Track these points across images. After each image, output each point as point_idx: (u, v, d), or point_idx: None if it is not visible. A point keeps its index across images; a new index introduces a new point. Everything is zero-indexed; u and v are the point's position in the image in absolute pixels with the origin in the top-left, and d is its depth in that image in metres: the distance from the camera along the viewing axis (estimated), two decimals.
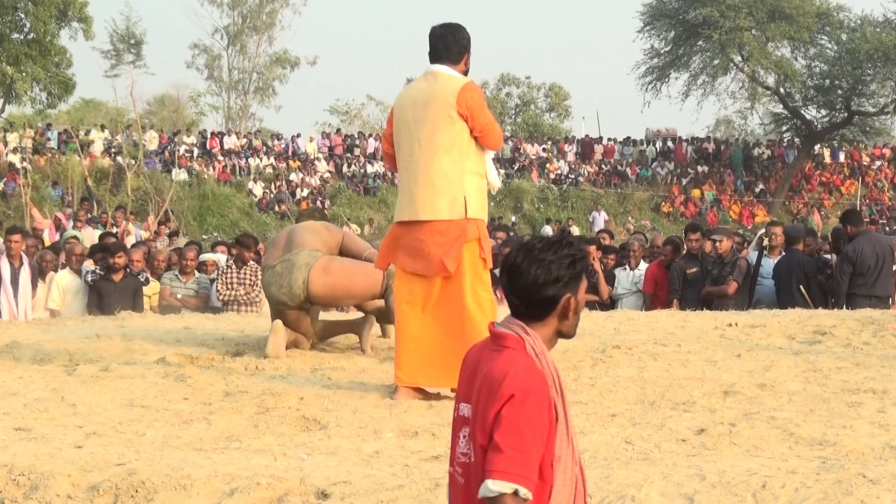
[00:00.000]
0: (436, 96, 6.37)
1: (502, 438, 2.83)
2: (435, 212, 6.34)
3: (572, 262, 3.01)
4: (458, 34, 6.63)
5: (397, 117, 6.56)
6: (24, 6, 37.30)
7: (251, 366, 7.34)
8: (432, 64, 6.55)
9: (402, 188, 6.53)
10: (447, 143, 6.34)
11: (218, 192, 38.55)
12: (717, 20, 45.06)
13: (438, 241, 6.33)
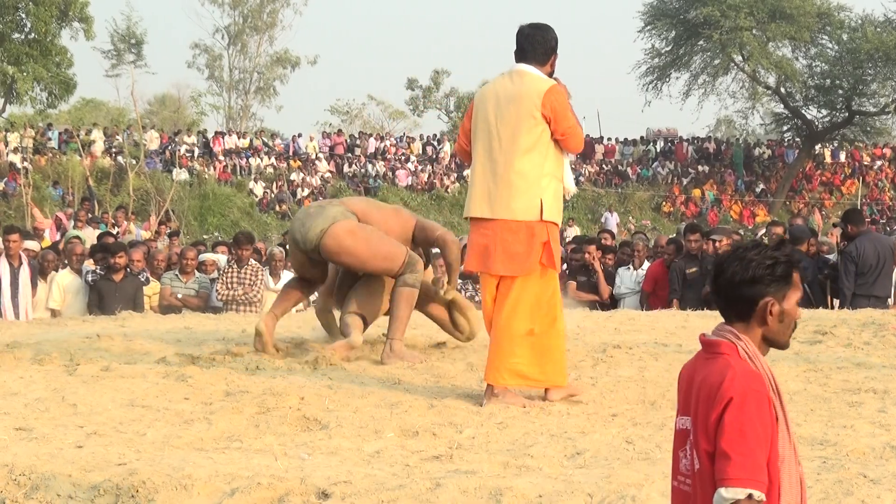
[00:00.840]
0: (521, 96, 6.33)
1: (728, 444, 2.84)
2: (511, 211, 6.31)
3: (773, 265, 2.98)
4: (546, 34, 6.59)
5: (477, 112, 6.52)
6: (25, 6, 37.31)
7: (252, 365, 7.34)
8: (518, 63, 6.50)
9: (477, 184, 6.46)
10: (529, 144, 6.31)
11: (219, 191, 38.56)
12: (717, 20, 45.05)
13: (510, 241, 6.31)
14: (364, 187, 42.51)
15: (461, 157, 6.89)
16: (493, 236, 6.34)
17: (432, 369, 7.39)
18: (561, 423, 5.88)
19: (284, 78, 61.94)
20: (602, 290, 12.73)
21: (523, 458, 5.05)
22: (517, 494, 4.25)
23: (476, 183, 6.45)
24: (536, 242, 6.28)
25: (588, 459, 5.02)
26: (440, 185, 43.90)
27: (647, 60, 49.11)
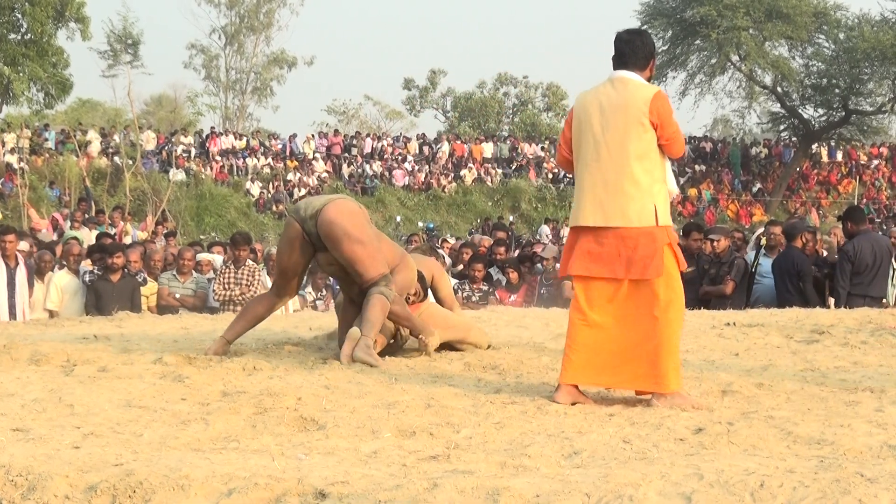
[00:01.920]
0: (627, 103, 6.34)
1: None
2: (626, 218, 6.31)
3: None
4: (645, 40, 6.58)
5: (579, 121, 6.51)
6: (21, 6, 37.28)
7: (249, 366, 7.34)
8: (617, 69, 6.51)
9: (585, 192, 6.46)
10: (640, 151, 6.32)
11: (215, 192, 38.57)
12: (714, 19, 45.10)
13: (631, 246, 6.31)
14: (361, 187, 42.52)
15: (563, 167, 6.86)
16: (612, 243, 6.36)
17: (430, 369, 7.39)
18: (558, 422, 5.88)
19: (281, 78, 62.03)
20: None
21: (520, 458, 5.05)
22: (514, 494, 4.24)
23: (585, 192, 6.46)
24: (660, 245, 6.31)
25: (585, 459, 5.02)
26: (437, 185, 43.91)
27: None
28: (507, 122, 63.15)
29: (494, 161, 46.75)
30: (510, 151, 47.72)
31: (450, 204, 43.24)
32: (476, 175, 45.00)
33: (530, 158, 46.97)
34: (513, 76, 64.12)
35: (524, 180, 44.86)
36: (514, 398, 6.52)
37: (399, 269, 8.00)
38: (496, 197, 44.27)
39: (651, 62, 6.59)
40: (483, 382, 7.04)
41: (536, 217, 41.84)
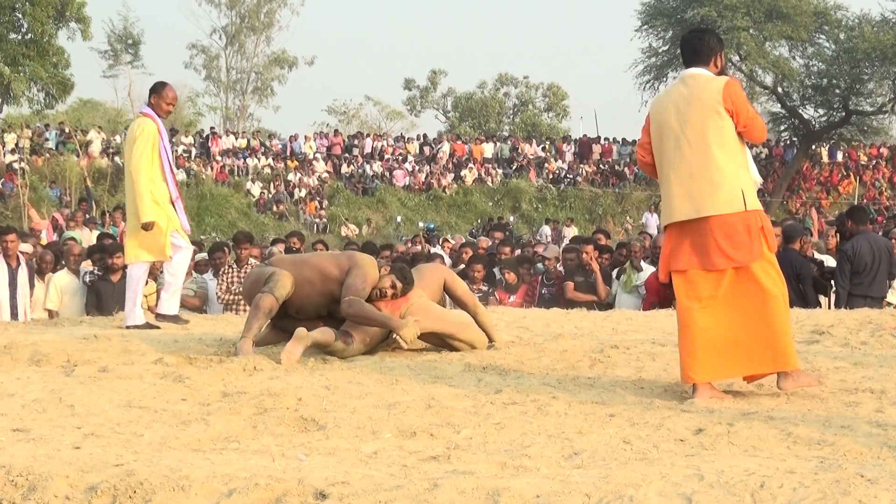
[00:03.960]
0: (700, 96, 6.49)
1: None
2: (717, 206, 6.41)
3: None
4: (705, 37, 6.76)
5: (657, 123, 6.65)
6: (21, 6, 37.29)
7: (249, 366, 7.33)
8: (687, 69, 6.69)
9: (673, 188, 6.58)
10: (720, 140, 6.44)
11: (216, 192, 38.59)
12: (714, 20, 45.09)
13: (726, 234, 6.42)
14: (361, 187, 42.51)
15: (646, 171, 7.00)
16: (705, 234, 6.46)
17: (430, 370, 7.39)
18: (558, 423, 5.88)
19: (282, 78, 62.05)
20: (600, 290, 12.73)
21: (521, 459, 5.05)
22: (514, 495, 4.25)
23: (673, 188, 6.59)
24: (754, 229, 6.42)
25: (586, 460, 5.02)
26: (437, 186, 43.90)
27: (644, 60, 49.17)
28: (508, 122, 63.17)
29: (495, 161, 46.77)
30: (511, 152, 47.72)
31: (450, 204, 43.23)
32: (476, 175, 45.01)
33: (531, 159, 46.96)
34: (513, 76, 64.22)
35: (525, 181, 44.87)
36: (515, 399, 6.52)
37: (349, 272, 8.13)
38: (496, 197, 44.27)
39: (714, 57, 6.73)
40: (483, 383, 7.04)
41: (537, 217, 41.84)
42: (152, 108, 9.68)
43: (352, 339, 7.98)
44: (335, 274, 8.17)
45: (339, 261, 8.33)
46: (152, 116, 9.63)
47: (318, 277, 8.17)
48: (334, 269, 8.19)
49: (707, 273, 6.47)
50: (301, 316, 8.27)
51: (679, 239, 6.58)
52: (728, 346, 6.41)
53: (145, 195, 9.48)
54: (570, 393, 6.69)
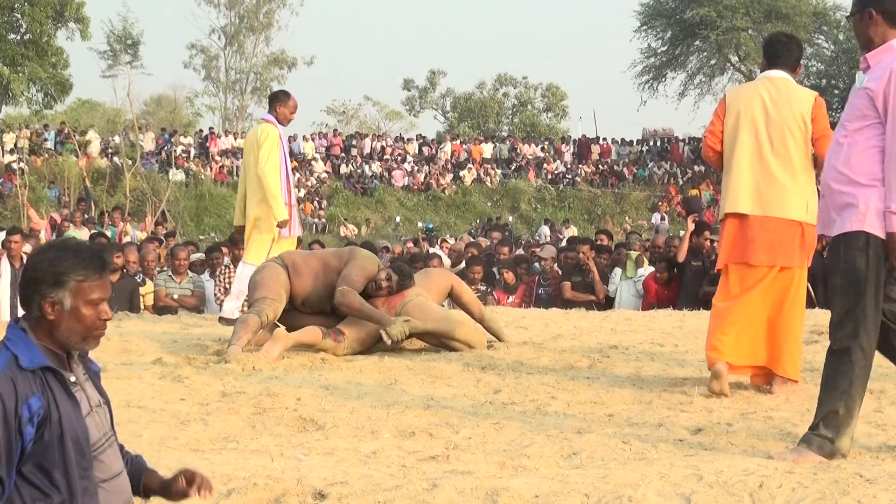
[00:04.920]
0: (790, 101, 6.64)
1: None
2: (784, 210, 6.58)
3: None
4: (797, 44, 6.98)
5: (736, 113, 6.73)
6: (20, 7, 37.28)
7: (248, 366, 7.34)
8: (772, 69, 6.79)
9: (742, 181, 6.68)
10: (801, 148, 6.62)
11: (215, 192, 38.56)
12: (714, 20, 45.12)
13: (787, 234, 6.59)
14: (361, 188, 42.51)
15: (710, 159, 7.09)
16: (766, 231, 6.62)
17: (429, 370, 7.39)
18: (557, 423, 5.88)
19: (281, 78, 61.97)
20: (598, 290, 12.74)
21: (520, 459, 5.05)
22: (513, 495, 4.25)
23: (742, 181, 6.68)
24: (807, 239, 6.65)
25: (584, 460, 5.02)
26: (436, 186, 43.89)
27: (643, 60, 49.20)
28: (507, 122, 63.15)
29: (494, 161, 46.76)
30: (509, 152, 47.71)
31: (449, 204, 43.21)
32: (475, 175, 45.00)
33: (530, 159, 46.95)
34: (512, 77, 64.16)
35: (523, 181, 44.85)
36: (514, 399, 6.52)
37: (348, 263, 8.30)
38: (495, 197, 44.26)
39: (799, 66, 6.94)
40: (482, 383, 7.04)
41: (536, 218, 41.83)
42: (275, 116, 9.80)
43: (343, 337, 8.03)
44: (336, 264, 8.36)
45: (341, 253, 8.59)
46: (274, 124, 9.77)
47: (322, 268, 8.36)
48: (335, 261, 8.40)
49: (754, 268, 6.65)
50: (306, 308, 8.43)
51: (741, 231, 6.71)
52: (751, 337, 6.61)
53: (278, 196, 9.62)
54: (569, 393, 6.69)
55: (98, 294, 3.31)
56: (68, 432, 3.18)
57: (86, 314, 3.30)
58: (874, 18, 5.16)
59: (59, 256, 3.32)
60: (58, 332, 3.28)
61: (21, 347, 3.21)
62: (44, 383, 3.19)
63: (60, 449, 3.16)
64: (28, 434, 3.13)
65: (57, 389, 3.21)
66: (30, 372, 3.17)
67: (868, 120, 5.06)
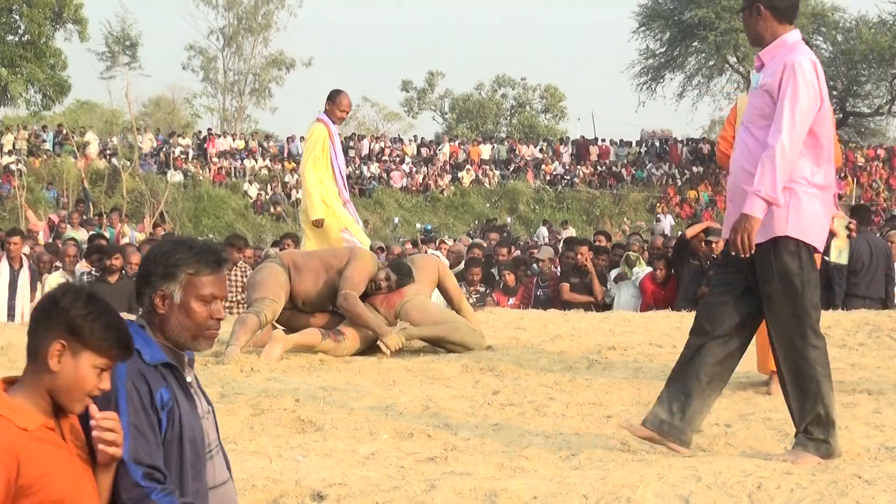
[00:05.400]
0: None
1: None
2: None
3: None
4: None
5: None
6: (18, 8, 37.25)
7: (246, 367, 7.34)
8: None
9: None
10: None
11: (213, 193, 38.52)
12: (712, 21, 45.12)
13: None
14: (359, 189, 42.51)
15: (724, 164, 7.18)
16: None
17: (427, 371, 7.39)
18: (556, 424, 5.88)
19: (279, 80, 61.96)
20: (596, 291, 12.72)
21: (518, 460, 5.05)
22: (512, 496, 4.25)
23: None
24: None
25: (583, 461, 5.02)
26: (435, 187, 43.89)
27: (641, 61, 49.18)
28: (505, 123, 63.16)
29: (492, 163, 46.75)
30: (508, 153, 47.70)
31: (448, 206, 43.20)
32: (474, 177, 44.99)
33: (528, 160, 46.93)
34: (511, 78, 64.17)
35: (522, 182, 44.83)
36: (512, 400, 6.52)
37: (347, 264, 8.34)
38: (494, 199, 44.24)
39: None
40: (481, 384, 7.04)
41: (534, 219, 41.81)
42: (327, 114, 9.94)
43: (343, 337, 8.06)
44: (336, 264, 8.41)
45: (340, 252, 8.66)
46: (325, 122, 9.89)
47: (323, 267, 8.42)
48: (335, 260, 8.45)
49: None
50: (308, 308, 8.50)
51: None
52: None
53: (314, 194, 9.73)
54: (568, 394, 6.69)
55: (210, 290, 3.23)
56: (186, 431, 3.12)
57: (196, 310, 3.21)
58: (763, 14, 5.20)
59: (173, 249, 3.24)
60: (168, 328, 3.20)
61: (141, 343, 3.12)
62: (165, 380, 3.13)
63: (178, 447, 3.10)
64: (164, 423, 3.07)
65: (176, 387, 3.15)
66: (152, 367, 3.11)
67: (769, 119, 5.08)
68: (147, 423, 3.02)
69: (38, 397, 2.81)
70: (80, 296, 2.83)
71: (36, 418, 2.77)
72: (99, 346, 2.82)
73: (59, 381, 2.80)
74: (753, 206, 4.96)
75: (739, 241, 4.97)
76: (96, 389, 2.84)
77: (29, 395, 2.80)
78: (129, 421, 2.98)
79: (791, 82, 4.99)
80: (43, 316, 2.83)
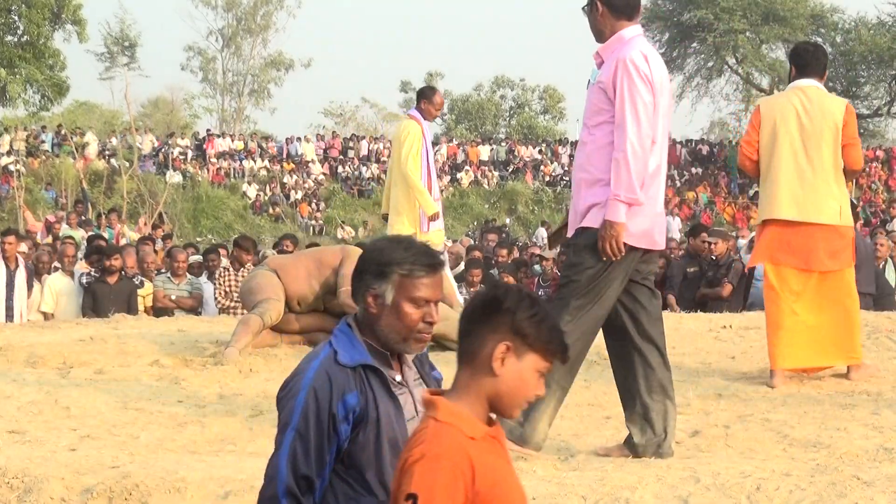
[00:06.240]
0: (823, 110, 6.96)
1: None
2: (821, 215, 6.90)
3: None
4: (824, 52, 7.37)
5: (772, 124, 7.02)
6: (17, 8, 37.22)
7: (245, 368, 7.33)
8: (801, 78, 7.10)
9: (781, 188, 6.99)
10: (834, 155, 6.94)
11: (212, 194, 38.50)
12: (711, 22, 45.12)
13: (828, 242, 6.94)
14: (357, 189, 42.49)
15: (746, 168, 7.36)
16: (808, 237, 6.96)
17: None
18: (554, 425, 5.88)
19: (278, 80, 61.94)
20: None
21: (516, 461, 5.04)
22: None
23: (781, 188, 6.99)
24: (848, 241, 7.02)
25: (582, 462, 5.02)
26: None
27: None
28: (504, 124, 63.14)
29: (491, 164, 46.75)
30: (507, 154, 47.70)
31: (446, 206, 43.17)
32: (473, 178, 45.00)
33: (527, 161, 46.94)
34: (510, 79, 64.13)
35: (521, 183, 44.82)
36: None
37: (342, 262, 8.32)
38: (493, 200, 44.24)
39: (825, 72, 7.24)
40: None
41: (533, 220, 41.80)
42: (420, 111, 9.89)
43: None
44: (330, 261, 8.42)
45: (333, 250, 8.72)
46: (418, 119, 9.85)
47: (316, 266, 8.42)
48: (329, 258, 8.47)
49: (799, 272, 6.96)
50: (302, 308, 8.48)
51: (780, 235, 7.00)
52: (808, 339, 6.92)
53: (424, 191, 9.69)
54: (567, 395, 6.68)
55: (423, 293, 3.14)
56: (385, 433, 3.05)
57: (407, 312, 3.12)
58: (601, 10, 5.21)
59: (388, 248, 3.17)
60: (378, 328, 3.13)
61: (344, 344, 3.08)
62: (364, 382, 3.06)
63: (376, 450, 3.04)
64: (344, 432, 3.02)
65: (378, 389, 3.08)
66: (350, 369, 3.05)
67: (604, 115, 5.09)
68: (315, 431, 3.01)
69: (477, 404, 2.67)
70: (523, 297, 2.68)
71: (480, 426, 2.66)
72: (545, 349, 2.67)
73: (502, 386, 2.65)
74: (615, 211, 4.97)
75: (608, 247, 4.99)
76: (535, 395, 2.70)
77: (469, 402, 2.67)
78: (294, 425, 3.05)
79: (626, 79, 5.01)
80: (484, 316, 2.67)
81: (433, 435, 2.59)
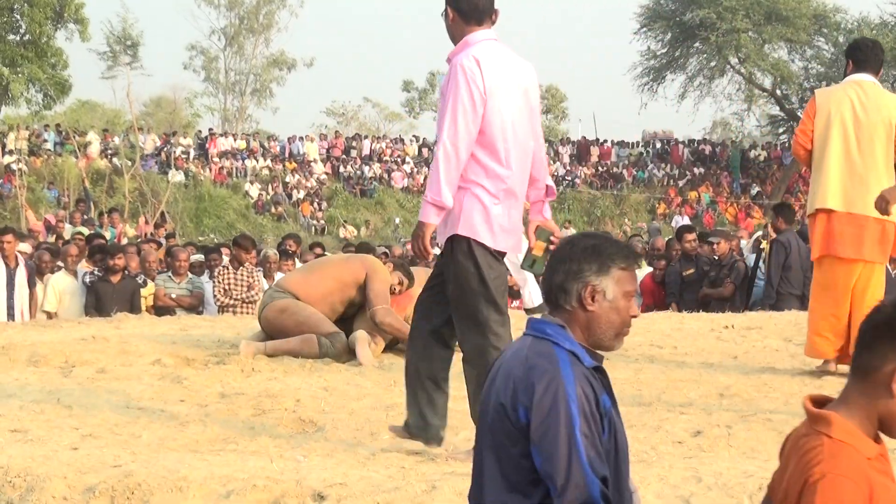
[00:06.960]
0: (880, 106, 7.06)
1: None
2: (867, 208, 6.93)
3: None
4: (881, 48, 7.46)
5: (826, 114, 7.11)
6: (19, 7, 37.23)
7: (247, 367, 7.34)
8: (858, 72, 7.18)
9: (830, 179, 7.09)
10: (886, 150, 7.04)
11: (214, 193, 38.51)
12: (713, 22, 45.05)
13: (869, 229, 7.03)
14: (360, 189, 42.50)
15: (800, 157, 7.47)
16: (851, 226, 7.06)
17: None
18: None
19: (280, 80, 61.95)
20: None
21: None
22: None
23: (830, 178, 7.09)
24: (889, 236, 7.10)
25: None
26: None
27: (642, 62, 49.11)
28: None
29: None
30: None
31: None
32: None
33: None
34: None
35: None
36: None
37: (369, 278, 8.16)
38: None
39: (881, 69, 7.35)
40: None
41: None
42: None
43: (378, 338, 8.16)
44: (353, 279, 8.22)
45: (353, 267, 8.37)
46: None
47: (337, 287, 8.23)
48: (350, 275, 8.25)
49: (844, 262, 7.07)
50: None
51: (829, 226, 7.11)
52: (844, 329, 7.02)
53: None
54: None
55: (632, 286, 3.08)
56: (620, 440, 3.00)
57: (622, 306, 3.04)
58: (451, 16, 5.26)
59: (601, 243, 3.08)
60: (595, 326, 3.03)
61: (572, 344, 2.97)
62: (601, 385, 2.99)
63: (615, 458, 2.96)
64: (606, 431, 2.94)
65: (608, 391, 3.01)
66: (590, 370, 2.97)
67: None
68: (596, 432, 2.89)
69: (867, 422, 2.53)
70: None
71: (872, 446, 2.53)
72: None
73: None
74: (425, 212, 5.01)
75: (417, 247, 5.06)
76: None
77: (860, 420, 2.53)
78: (578, 428, 2.85)
79: (452, 83, 5.05)
80: (890, 332, 2.49)
81: (830, 454, 2.48)
